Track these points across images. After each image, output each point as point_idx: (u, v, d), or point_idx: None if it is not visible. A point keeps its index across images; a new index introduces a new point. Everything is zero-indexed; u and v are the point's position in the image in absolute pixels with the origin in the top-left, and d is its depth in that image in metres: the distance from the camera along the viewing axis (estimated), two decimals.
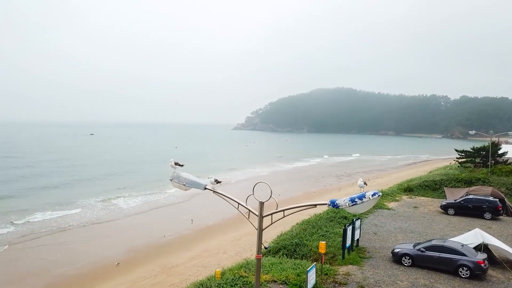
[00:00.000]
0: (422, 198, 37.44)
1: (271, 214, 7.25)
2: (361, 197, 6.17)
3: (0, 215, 38.07)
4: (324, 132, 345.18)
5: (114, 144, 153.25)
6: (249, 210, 7.31)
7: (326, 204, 6.50)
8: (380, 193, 6.29)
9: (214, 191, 7.61)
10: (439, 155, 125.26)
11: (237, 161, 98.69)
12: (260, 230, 7.31)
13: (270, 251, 22.30)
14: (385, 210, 31.78)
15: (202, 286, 16.03)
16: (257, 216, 7.31)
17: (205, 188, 7.68)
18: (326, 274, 17.59)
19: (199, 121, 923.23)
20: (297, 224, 27.39)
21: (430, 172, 58.24)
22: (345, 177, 73.51)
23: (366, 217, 28.87)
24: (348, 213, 28.81)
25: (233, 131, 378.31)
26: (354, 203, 6.21)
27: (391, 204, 34.00)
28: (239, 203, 7.40)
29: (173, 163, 8.20)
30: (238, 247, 29.71)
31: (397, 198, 36.74)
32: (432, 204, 34.49)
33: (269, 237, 28.22)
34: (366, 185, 6.85)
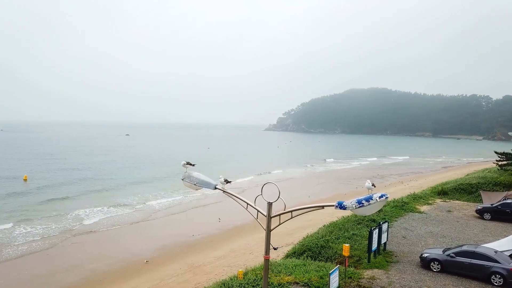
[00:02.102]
0: (457, 201, 35.99)
1: (279, 215, 7.24)
2: (368, 199, 6.05)
3: (44, 217, 39.63)
4: (358, 133, 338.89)
5: (149, 145, 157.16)
6: (258, 211, 7.32)
7: (333, 205, 6.41)
8: (388, 195, 6.13)
9: (224, 191, 7.68)
10: (478, 158, 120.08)
11: (269, 162, 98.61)
12: (268, 231, 7.31)
13: (295, 252, 22.20)
14: (416, 213, 30.80)
15: (224, 285, 16.18)
16: (265, 216, 7.30)
17: (215, 188, 7.76)
18: (350, 277, 17.28)
19: (231, 121, 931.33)
20: (324, 226, 27.11)
21: (468, 175, 55.88)
22: (378, 179, 71.84)
23: (395, 220, 28.13)
24: (377, 216, 28.19)
25: (265, 132, 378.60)
26: (361, 205, 6.09)
27: (423, 208, 32.90)
28: (248, 203, 7.42)
29: (184, 163, 8.33)
30: (264, 248, 29.70)
31: (430, 202, 35.50)
32: (467, 208, 33.09)
33: (295, 239, 28.13)
34: (375, 187, 6.70)
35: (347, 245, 17.28)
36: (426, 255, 18.97)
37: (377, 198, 6.01)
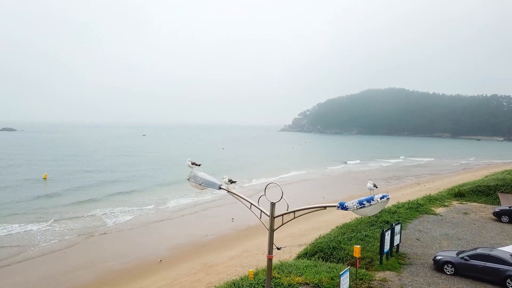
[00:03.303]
0: (474, 204, 35.32)
1: (282, 215, 7.31)
2: (369, 200, 6.06)
3: (62, 217, 40.40)
4: (375, 133, 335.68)
5: (166, 145, 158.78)
6: (261, 211, 7.41)
7: (335, 206, 6.45)
8: (389, 196, 6.14)
9: (228, 191, 7.79)
10: (499, 159, 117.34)
11: (285, 164, 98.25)
12: (272, 231, 7.39)
13: (306, 253, 22.16)
14: (431, 215, 30.37)
15: (234, 285, 16.30)
16: (268, 216, 7.39)
17: (220, 188, 7.87)
18: (361, 279, 17.19)
19: (246, 122, 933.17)
20: (336, 227, 27.00)
21: (486, 176, 54.75)
22: (394, 180, 71.09)
23: (409, 222, 27.81)
24: (390, 217, 27.93)
25: (280, 132, 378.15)
26: (362, 205, 6.11)
27: (439, 210, 32.42)
28: (251, 203, 7.51)
29: (189, 163, 8.47)
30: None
31: (446, 204, 34.95)
32: (484, 210, 32.45)
33: (309, 240, 28.06)
34: (377, 187, 6.71)
35: (358, 246, 17.20)
36: (439, 257, 18.71)
37: (378, 199, 6.02)
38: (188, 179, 8.27)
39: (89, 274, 24.98)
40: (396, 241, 20.93)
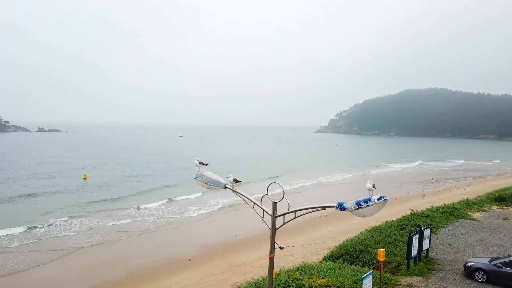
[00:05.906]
0: None
1: (283, 214, 7.37)
2: (367, 201, 6.00)
3: (97, 214, 42.47)
4: (414, 135, 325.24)
5: (203, 146, 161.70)
6: (264, 210, 7.48)
7: (334, 206, 6.43)
8: (387, 197, 6.03)
9: (233, 190, 7.92)
10: None
11: (319, 166, 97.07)
12: (273, 230, 7.45)
13: (332, 255, 21.90)
14: (467, 220, 29.08)
15: (255, 285, 16.40)
16: (270, 216, 7.45)
17: (225, 187, 8.01)
18: (386, 283, 16.79)
19: (282, 123, 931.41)
20: (365, 230, 26.52)
21: None
22: (432, 183, 68.61)
23: (443, 227, 26.79)
24: (423, 221, 27.05)
25: (316, 134, 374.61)
26: (359, 206, 6.06)
27: (476, 214, 30.98)
28: (254, 203, 7.60)
29: (197, 162, 8.66)
30: (305, 251, 29.57)
31: (484, 208, 33.34)
32: None
33: (337, 243, 27.71)
34: (375, 188, 6.60)
35: (382, 249, 16.79)
36: (470, 264, 17.91)
37: (376, 200, 5.95)
38: (195, 178, 8.49)
39: (119, 270, 25.97)
40: (425, 245, 20.22)
